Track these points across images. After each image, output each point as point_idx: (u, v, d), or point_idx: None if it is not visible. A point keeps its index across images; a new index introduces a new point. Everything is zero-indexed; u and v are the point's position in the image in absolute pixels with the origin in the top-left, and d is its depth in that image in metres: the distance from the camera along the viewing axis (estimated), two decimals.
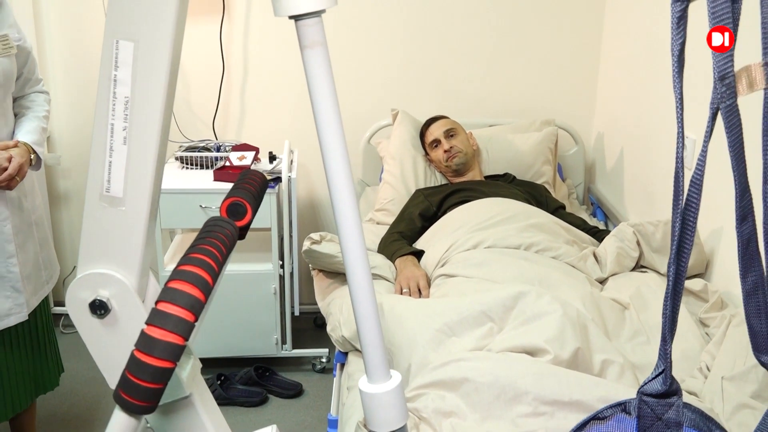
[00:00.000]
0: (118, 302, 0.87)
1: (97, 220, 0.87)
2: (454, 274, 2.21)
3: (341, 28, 3.14)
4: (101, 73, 0.82)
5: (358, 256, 0.90)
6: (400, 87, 3.24)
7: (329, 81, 0.84)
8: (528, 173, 2.95)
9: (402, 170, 2.93)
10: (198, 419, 0.95)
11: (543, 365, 1.54)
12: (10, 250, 2.03)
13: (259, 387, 2.92)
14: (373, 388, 0.94)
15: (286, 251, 2.92)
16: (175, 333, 0.71)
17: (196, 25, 3.09)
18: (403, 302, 1.99)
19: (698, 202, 0.76)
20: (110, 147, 0.84)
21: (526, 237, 2.32)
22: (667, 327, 0.80)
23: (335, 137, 0.84)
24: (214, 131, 3.23)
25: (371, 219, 2.91)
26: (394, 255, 2.44)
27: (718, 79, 0.69)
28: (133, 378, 0.71)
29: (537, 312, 1.75)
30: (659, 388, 0.83)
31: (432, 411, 1.49)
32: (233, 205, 1.01)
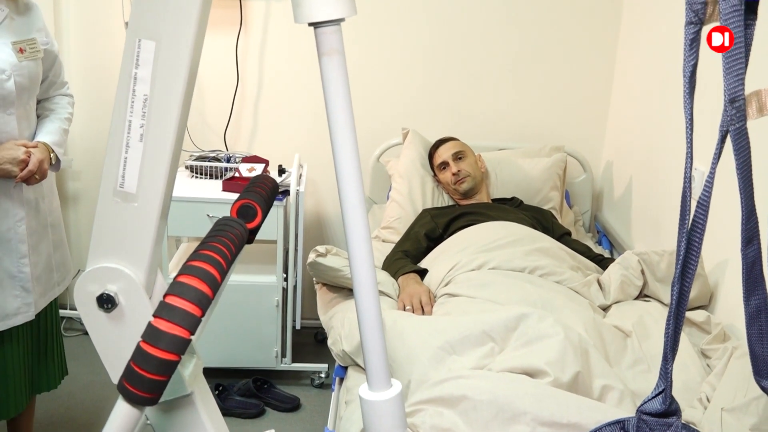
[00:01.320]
0: (126, 297, 0.88)
1: (110, 215, 0.88)
2: (458, 293, 2.21)
3: (356, 45, 3.16)
4: (122, 71, 0.83)
5: (364, 261, 0.91)
6: (412, 106, 3.26)
7: (345, 89, 0.85)
8: (535, 198, 2.96)
9: (410, 189, 2.94)
10: (198, 418, 0.95)
11: (542, 387, 1.55)
12: (23, 250, 2.04)
13: (257, 399, 2.92)
14: (373, 395, 0.95)
15: (291, 264, 2.93)
16: (182, 326, 0.72)
17: (214, 37, 3.13)
18: (406, 318, 1.99)
19: (704, 222, 0.77)
20: (126, 143, 0.85)
21: (531, 260, 2.32)
22: (668, 346, 0.80)
23: (349, 145, 0.86)
24: (225, 142, 3.25)
25: (377, 236, 2.92)
26: (397, 273, 2.45)
27: (728, 102, 0.70)
28: (138, 369, 0.72)
29: (539, 334, 1.75)
30: (659, 408, 0.83)
31: (429, 427, 1.49)
32: (244, 207, 1.03)
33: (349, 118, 0.85)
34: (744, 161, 0.73)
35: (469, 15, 3.15)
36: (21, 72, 1.95)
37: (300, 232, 2.88)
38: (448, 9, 3.16)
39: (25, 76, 1.97)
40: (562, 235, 2.70)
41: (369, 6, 3.12)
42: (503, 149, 3.17)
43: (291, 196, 2.83)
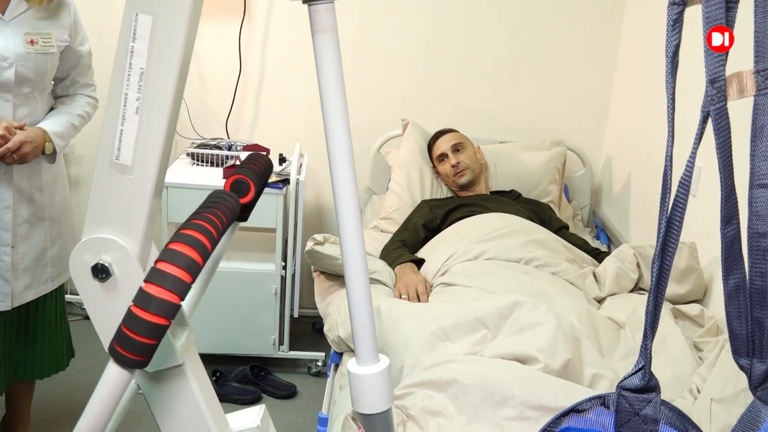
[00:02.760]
0: (120, 267, 0.90)
1: (105, 186, 0.90)
2: (454, 283, 2.23)
3: (357, 35, 3.18)
4: (119, 45, 0.85)
5: (353, 240, 0.93)
6: (412, 98, 3.28)
7: (338, 66, 0.87)
8: (534, 191, 2.98)
9: (409, 180, 2.96)
10: (189, 389, 0.97)
11: (532, 372, 1.56)
12: (5, 238, 2.02)
13: (254, 386, 2.94)
14: (361, 369, 0.96)
15: (290, 253, 2.95)
16: (172, 291, 0.74)
17: (216, 25, 3.14)
18: (401, 305, 2.01)
19: (685, 202, 0.79)
20: (123, 116, 0.87)
21: (527, 252, 2.34)
22: (648, 323, 0.82)
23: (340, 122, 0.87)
24: (227, 130, 3.27)
25: (375, 227, 2.94)
26: (394, 262, 2.47)
27: (709, 82, 0.72)
28: (129, 332, 0.74)
29: (531, 322, 1.77)
30: (638, 384, 0.85)
31: (419, 410, 1.51)
32: (237, 182, 1.04)
33: (341, 96, 0.87)
34: (724, 141, 0.75)
35: (470, 7, 3.17)
36: (26, 63, 1.95)
37: (299, 221, 2.90)
38: (448, 4, 3.17)
39: (30, 68, 1.96)
40: (559, 229, 2.72)
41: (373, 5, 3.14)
42: (503, 142, 3.18)
43: (291, 185, 2.85)
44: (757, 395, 0.84)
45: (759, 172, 0.75)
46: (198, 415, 0.98)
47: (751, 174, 0.76)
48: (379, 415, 0.97)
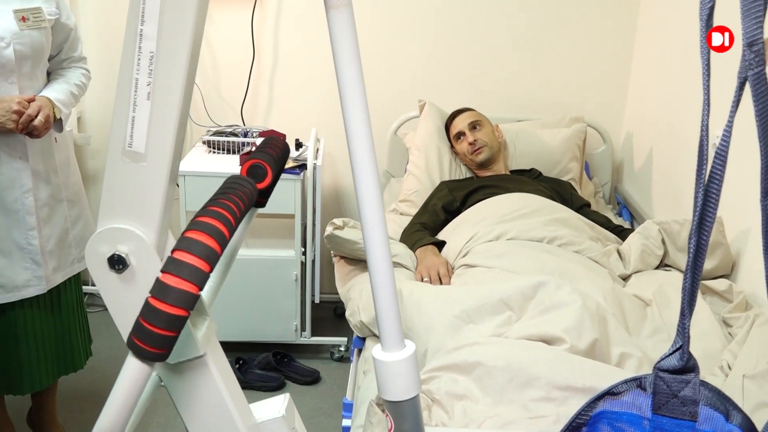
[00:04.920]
0: (137, 258, 0.87)
1: (119, 175, 0.87)
2: (475, 264, 2.20)
3: (372, 16, 3.14)
4: (127, 28, 0.82)
5: (376, 224, 0.90)
6: (429, 78, 3.24)
7: (353, 42, 0.84)
8: (554, 169, 2.93)
9: (427, 162, 2.92)
10: (211, 380, 0.95)
11: (558, 352, 1.54)
12: (31, 222, 2.04)
13: (277, 372, 2.94)
14: (387, 356, 0.94)
15: (309, 238, 2.93)
16: (190, 281, 0.71)
17: (228, 12, 3.12)
18: (422, 288, 1.99)
19: (722, 173, 0.75)
20: (134, 102, 0.84)
21: (550, 231, 2.31)
22: (686, 301, 0.79)
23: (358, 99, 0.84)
24: (242, 117, 3.25)
25: (395, 209, 2.91)
26: (415, 245, 2.44)
27: (746, 45, 0.68)
28: (147, 324, 0.71)
29: (556, 302, 1.74)
30: (676, 364, 0.81)
31: (444, 393, 1.49)
32: (254, 166, 1.02)
33: (358, 72, 0.84)
34: (763, 108, 0.71)
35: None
36: (22, 40, 1.94)
37: (318, 206, 2.88)
38: None
39: (27, 44, 1.96)
40: (581, 207, 2.68)
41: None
42: (522, 120, 3.14)
43: (308, 170, 2.82)
44: None
45: None
46: (221, 406, 0.96)
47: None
48: (407, 402, 0.95)
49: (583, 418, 0.87)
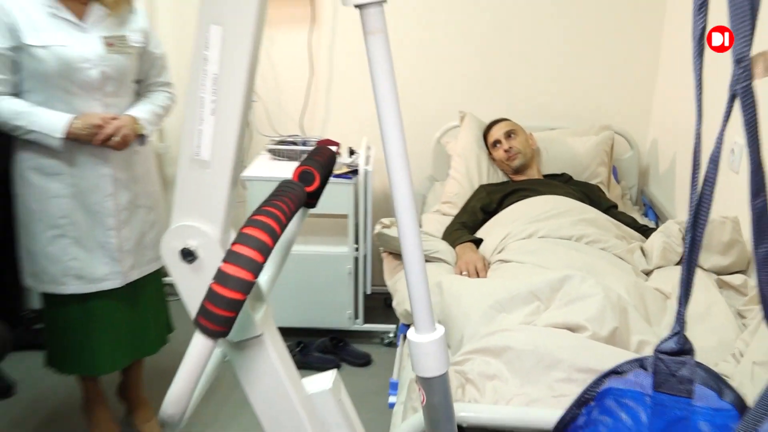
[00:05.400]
0: (204, 251, 0.92)
1: (188, 180, 0.92)
2: (509, 259, 2.21)
3: (418, 35, 3.17)
4: (194, 53, 0.87)
5: (410, 223, 0.93)
6: (469, 91, 3.25)
7: (388, 63, 0.87)
8: (584, 174, 2.92)
9: (467, 167, 2.94)
10: (268, 356, 0.99)
11: (580, 339, 1.54)
12: (110, 223, 2.09)
13: (333, 355, 2.99)
14: (419, 338, 0.97)
15: (361, 236, 2.97)
16: (246, 270, 0.76)
17: (288, 33, 3.18)
18: (461, 281, 2.01)
19: (715, 176, 0.76)
20: (200, 117, 0.89)
21: (578, 229, 2.30)
22: (682, 291, 0.80)
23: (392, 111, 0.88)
24: (302, 128, 3.31)
25: (438, 210, 2.93)
26: (455, 242, 2.46)
27: (735, 62, 0.70)
28: (210, 306, 0.76)
29: (580, 294, 1.74)
30: (674, 347, 0.83)
31: (477, 374, 1.51)
32: (304, 172, 1.06)
33: (392, 89, 0.87)
34: (751, 118, 0.72)
35: (519, 4, 3.12)
36: (107, 63, 1.99)
37: (368, 207, 2.92)
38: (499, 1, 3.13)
39: (111, 67, 2.00)
40: (608, 208, 2.66)
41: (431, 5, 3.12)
42: (554, 129, 3.13)
43: (360, 175, 2.86)
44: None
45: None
46: (277, 379, 1.01)
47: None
48: (437, 378, 0.98)
49: (591, 393, 0.89)
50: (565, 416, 0.90)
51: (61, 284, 2.10)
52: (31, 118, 1.93)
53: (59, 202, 2.05)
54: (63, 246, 2.08)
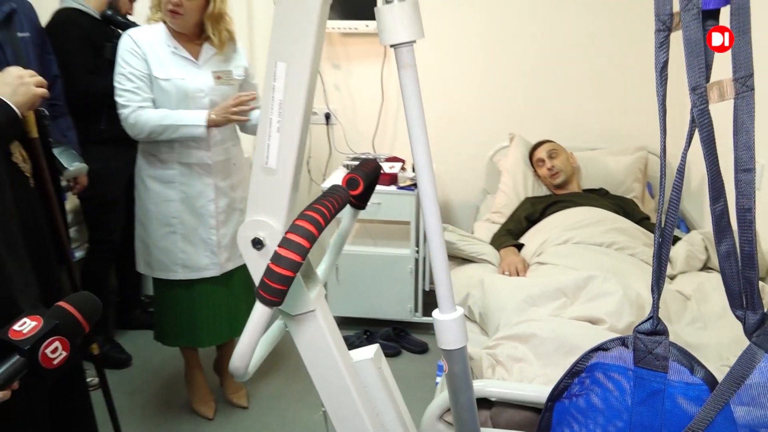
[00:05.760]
0: (270, 240, 1.01)
1: (259, 183, 1.02)
2: (546, 262, 2.24)
3: (472, 65, 3.23)
4: (265, 83, 0.98)
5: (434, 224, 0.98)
6: (518, 114, 3.27)
7: (417, 92, 0.94)
8: (620, 189, 2.90)
9: (515, 182, 2.97)
10: (320, 328, 1.08)
11: (597, 329, 1.57)
12: (212, 223, 2.24)
13: (395, 343, 3.04)
14: (442, 316, 1.03)
15: (421, 240, 3.04)
16: (296, 253, 0.85)
17: (363, 66, 3.30)
18: (499, 279, 2.06)
19: (681, 186, 0.81)
20: (269, 134, 1.00)
21: (609, 237, 2.31)
22: (654, 281, 0.85)
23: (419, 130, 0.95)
24: (373, 146, 3.42)
25: (488, 219, 2.97)
26: (500, 246, 2.50)
27: (691, 90, 0.75)
28: (268, 281, 0.86)
29: (602, 292, 1.76)
30: (649, 328, 0.87)
31: (506, 357, 1.56)
32: (350, 179, 1.15)
33: (420, 113, 0.95)
34: (707, 136, 0.76)
35: (563, 35, 3.13)
36: (216, 93, 2.15)
37: None
38: (545, 31, 3.15)
39: (219, 96, 2.16)
40: (641, 219, 2.64)
41: (481, 31, 3.18)
42: (594, 149, 3.12)
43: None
44: (752, 341, 0.84)
45: (741, 160, 0.77)
46: (327, 347, 1.09)
47: (735, 162, 0.77)
48: (456, 350, 1.03)
49: (581, 366, 0.94)
50: (558, 384, 0.96)
51: (171, 271, 2.27)
52: (175, 116, 2.08)
53: (172, 205, 2.21)
54: (173, 240, 2.24)
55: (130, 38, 2.08)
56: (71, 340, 1.07)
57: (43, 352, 1.02)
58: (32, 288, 1.45)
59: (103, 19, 2.66)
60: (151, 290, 3.28)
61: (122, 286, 3.18)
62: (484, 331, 1.95)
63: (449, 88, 3.27)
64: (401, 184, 2.99)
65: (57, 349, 1.04)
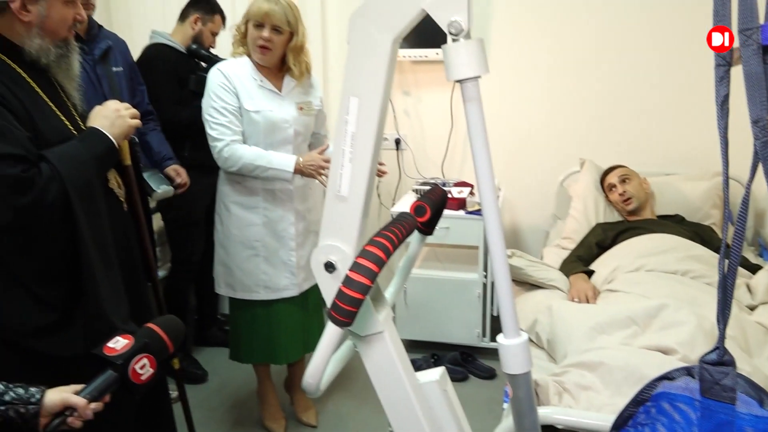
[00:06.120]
0: (341, 264, 1.07)
1: (332, 210, 1.09)
2: (617, 289, 2.21)
3: (545, 92, 3.24)
4: (339, 117, 1.05)
5: (499, 254, 1.01)
6: (589, 140, 3.25)
7: (482, 124, 0.98)
8: (696, 215, 2.82)
9: (585, 207, 2.94)
10: (387, 348, 1.12)
11: (668, 359, 1.55)
12: (291, 245, 2.34)
13: (462, 367, 3.04)
14: (507, 342, 1.05)
15: (489, 265, 3.04)
16: (366, 277, 0.91)
17: (433, 93, 3.36)
18: (568, 306, 2.05)
19: (745, 216, 0.81)
20: (341, 164, 1.06)
21: (683, 265, 2.25)
22: (719, 311, 0.85)
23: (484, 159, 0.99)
24: (442, 171, 3.46)
25: (558, 245, 2.95)
26: (570, 272, 2.48)
27: (752, 122, 0.76)
28: (339, 303, 0.92)
29: (674, 321, 1.73)
30: (715, 358, 0.87)
31: (574, 384, 1.55)
32: (418, 206, 1.20)
33: (484, 145, 0.99)
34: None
35: (635, 58, 3.09)
36: (299, 123, 2.27)
37: None
38: (617, 55, 3.12)
39: (301, 125, 2.28)
40: (719, 247, 2.55)
41: (551, 56, 3.19)
42: (669, 174, 3.05)
43: None
44: None
45: None
46: (394, 367, 1.13)
47: None
48: (521, 375, 1.06)
49: (646, 394, 0.94)
50: (623, 412, 0.96)
51: (254, 292, 2.37)
52: (268, 158, 2.19)
53: (255, 229, 2.33)
54: (256, 263, 2.35)
55: (220, 72, 2.22)
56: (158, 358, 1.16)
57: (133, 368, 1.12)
58: (123, 306, 1.57)
59: (188, 52, 2.85)
60: (227, 309, 3.44)
61: (200, 304, 3.33)
62: (552, 358, 1.95)
63: (519, 112, 3.29)
64: (470, 209, 3.02)
65: (145, 365, 1.13)
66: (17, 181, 1.37)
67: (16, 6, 1.46)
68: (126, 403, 1.61)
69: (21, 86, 1.50)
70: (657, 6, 3.01)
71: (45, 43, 1.53)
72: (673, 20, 2.99)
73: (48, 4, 1.49)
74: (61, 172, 1.43)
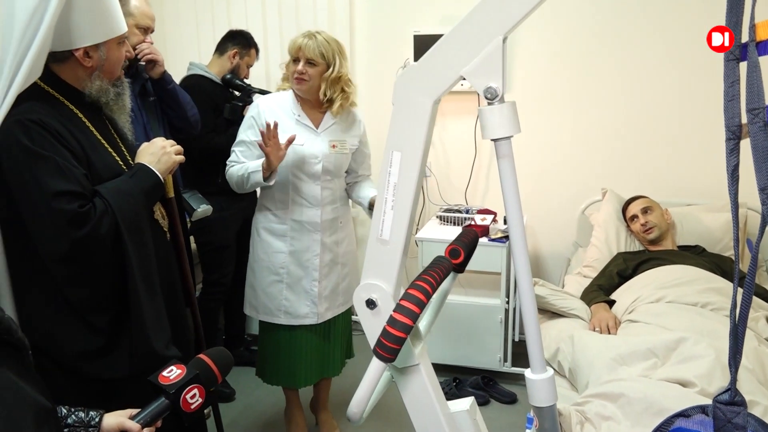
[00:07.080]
0: (382, 302, 1.17)
1: (374, 251, 1.19)
2: (637, 320, 2.28)
3: (567, 125, 3.32)
4: (382, 168, 1.16)
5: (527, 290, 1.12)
6: (610, 170, 3.32)
7: (514, 179, 1.09)
8: (717, 246, 2.89)
9: (607, 236, 3.02)
10: (422, 380, 1.22)
11: (687, 392, 1.62)
12: (315, 275, 2.42)
13: (484, 392, 3.09)
14: (534, 376, 1.15)
15: (511, 291, 3.12)
16: (408, 318, 1.01)
17: (457, 121, 3.46)
18: (589, 335, 2.12)
19: (754, 272, 0.91)
20: (384, 211, 1.17)
21: (703, 297, 2.32)
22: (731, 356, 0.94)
23: (515, 208, 1.09)
24: (466, 198, 3.55)
25: (579, 273, 3.02)
26: (591, 301, 2.55)
27: (760, 190, 0.85)
28: (384, 340, 1.02)
29: (693, 354, 1.80)
30: (727, 398, 0.96)
31: (594, 414, 1.63)
32: (453, 249, 1.31)
33: (516, 198, 1.09)
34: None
35: (657, 90, 3.17)
36: (328, 160, 2.36)
37: None
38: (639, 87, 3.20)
39: (331, 162, 2.37)
40: (741, 279, 2.62)
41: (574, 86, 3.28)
42: (690, 204, 3.12)
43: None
44: None
45: None
46: (428, 397, 1.23)
47: None
48: (547, 408, 1.15)
49: (663, 430, 1.03)
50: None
51: (275, 316, 2.47)
52: (245, 167, 2.31)
53: (281, 256, 2.43)
54: (279, 289, 2.45)
55: (257, 106, 2.37)
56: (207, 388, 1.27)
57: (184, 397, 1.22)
58: (165, 332, 1.69)
59: (223, 82, 2.99)
60: (254, 329, 3.54)
61: (228, 324, 3.45)
62: (574, 387, 2.02)
63: (543, 143, 3.38)
64: (492, 236, 3.10)
65: (195, 395, 1.24)
66: (75, 215, 1.50)
67: (80, 54, 1.60)
68: (171, 426, 1.72)
69: (78, 127, 1.63)
70: (679, 40, 3.10)
71: (104, 84, 1.67)
72: (695, 54, 3.08)
73: (107, 48, 1.63)
74: (113, 206, 1.56)
